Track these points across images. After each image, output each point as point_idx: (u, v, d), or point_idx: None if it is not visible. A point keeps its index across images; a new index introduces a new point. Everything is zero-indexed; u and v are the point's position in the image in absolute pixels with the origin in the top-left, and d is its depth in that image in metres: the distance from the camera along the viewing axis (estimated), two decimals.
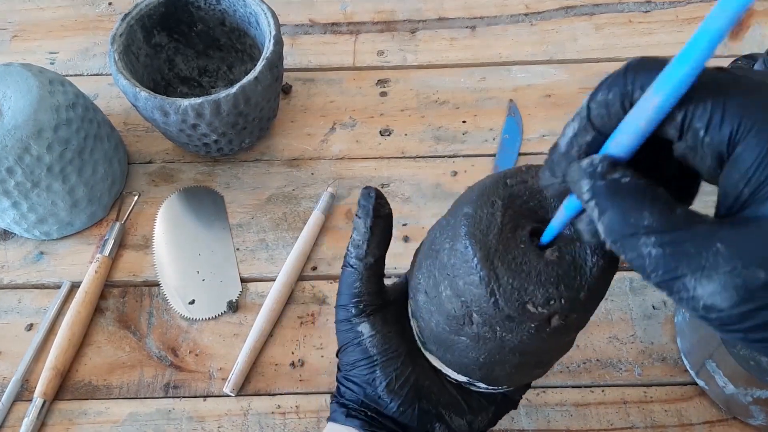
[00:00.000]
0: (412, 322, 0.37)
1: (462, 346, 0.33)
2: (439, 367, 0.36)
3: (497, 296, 0.29)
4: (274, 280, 0.57)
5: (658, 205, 0.21)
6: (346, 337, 0.37)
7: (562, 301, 0.29)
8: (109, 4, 0.77)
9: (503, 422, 0.51)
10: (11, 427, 0.52)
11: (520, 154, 0.65)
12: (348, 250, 0.37)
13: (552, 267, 0.29)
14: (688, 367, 0.52)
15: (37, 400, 0.52)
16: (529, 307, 0.29)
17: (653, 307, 0.56)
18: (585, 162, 0.23)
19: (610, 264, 0.30)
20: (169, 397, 0.54)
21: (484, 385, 0.36)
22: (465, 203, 0.31)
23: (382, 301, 0.37)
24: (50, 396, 0.53)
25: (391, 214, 0.37)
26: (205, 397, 0.54)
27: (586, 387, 0.53)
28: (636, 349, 0.54)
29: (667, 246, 0.21)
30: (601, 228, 0.22)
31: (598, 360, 0.54)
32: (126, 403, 0.53)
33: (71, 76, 0.71)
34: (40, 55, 0.73)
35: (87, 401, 0.54)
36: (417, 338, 0.37)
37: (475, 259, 0.29)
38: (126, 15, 0.60)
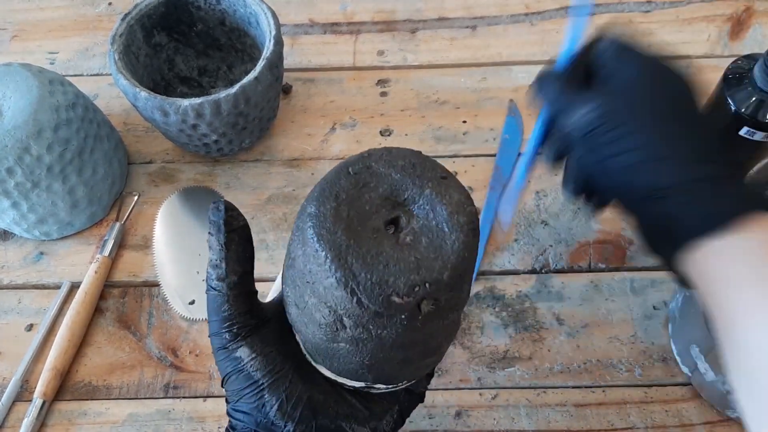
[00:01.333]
0: (297, 336, 0.34)
1: (344, 353, 0.31)
2: (332, 378, 0.34)
3: (359, 295, 0.28)
4: (274, 281, 0.57)
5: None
6: (226, 366, 0.34)
7: (427, 285, 0.28)
8: (109, 4, 0.77)
9: (503, 423, 0.51)
10: (11, 428, 0.52)
11: (520, 154, 0.65)
12: (207, 272, 0.34)
13: (409, 252, 0.28)
14: (674, 353, 0.53)
15: (37, 400, 0.52)
16: (395, 299, 0.28)
17: (654, 307, 0.56)
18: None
19: (471, 237, 0.29)
20: (169, 398, 0.53)
21: (383, 386, 0.34)
22: (308, 202, 0.29)
23: (258, 321, 0.35)
24: (50, 396, 0.52)
25: (247, 225, 0.34)
26: (206, 397, 0.53)
27: (586, 387, 0.53)
28: (636, 350, 0.54)
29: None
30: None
31: (598, 360, 0.54)
32: (126, 403, 0.53)
33: (71, 76, 0.71)
34: (40, 55, 0.73)
35: (87, 402, 0.53)
36: (304, 351, 0.34)
37: (328, 260, 0.28)
38: (126, 15, 0.59)
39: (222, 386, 0.35)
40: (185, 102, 0.54)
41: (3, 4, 0.77)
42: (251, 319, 0.34)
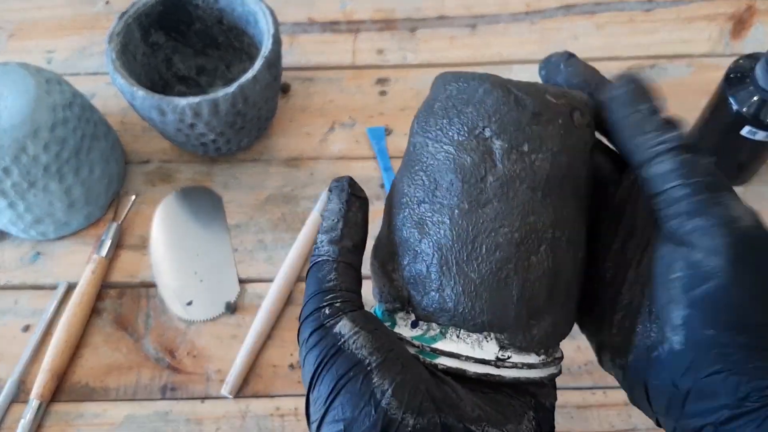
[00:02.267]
0: (401, 317, 0.29)
1: (487, 223, 0.27)
2: (450, 350, 0.28)
3: (515, 93, 0.27)
4: (272, 281, 0.57)
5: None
6: (318, 353, 0.26)
7: (574, 96, 0.28)
8: (107, 2, 0.77)
9: None
10: (8, 429, 0.52)
11: None
12: (317, 242, 0.29)
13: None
14: None
15: (34, 401, 0.52)
16: (549, 98, 0.27)
17: None
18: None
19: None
20: (167, 399, 0.53)
21: (516, 353, 0.28)
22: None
23: (361, 305, 0.28)
24: (47, 398, 0.52)
25: (368, 201, 0.31)
26: (203, 399, 0.53)
27: (587, 389, 0.52)
28: None
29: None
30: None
31: None
32: (123, 405, 0.53)
33: (68, 75, 0.70)
34: (37, 54, 0.73)
35: (84, 403, 0.53)
36: (412, 334, 0.29)
37: (486, 82, 0.28)
38: (123, 14, 0.59)
39: (307, 396, 0.27)
40: (183, 101, 0.54)
41: (0, 3, 0.77)
42: (358, 299, 0.28)
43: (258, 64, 0.56)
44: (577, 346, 0.54)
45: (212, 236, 0.61)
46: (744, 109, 0.53)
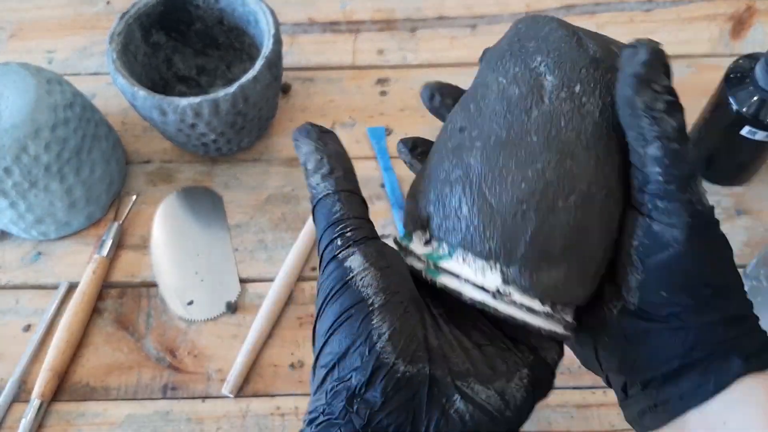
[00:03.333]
0: (418, 235, 0.28)
1: (521, 155, 0.26)
2: (453, 269, 0.27)
3: (580, 35, 0.27)
4: (273, 281, 0.57)
5: None
6: (328, 285, 0.26)
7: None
8: (107, 2, 0.77)
9: None
10: (9, 429, 0.52)
11: None
12: (310, 185, 0.29)
13: None
14: None
15: (35, 401, 0.52)
16: (613, 48, 0.27)
17: None
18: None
19: None
20: (168, 399, 0.53)
21: (520, 294, 0.26)
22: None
23: (373, 232, 0.28)
24: (48, 397, 0.52)
25: (334, 132, 0.31)
26: (204, 398, 0.53)
27: (587, 388, 0.52)
28: None
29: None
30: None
31: None
32: (124, 404, 0.53)
33: (69, 75, 0.70)
34: (38, 55, 0.73)
35: (85, 403, 0.53)
36: (422, 258, 0.28)
37: (555, 22, 0.28)
38: (124, 14, 0.59)
39: (314, 325, 0.27)
40: (183, 101, 0.54)
41: (1, 3, 0.77)
42: (367, 225, 0.28)
43: (258, 64, 0.56)
44: None
45: (213, 236, 0.61)
46: (744, 109, 0.53)
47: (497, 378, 0.27)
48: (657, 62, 0.26)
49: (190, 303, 0.57)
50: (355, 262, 0.26)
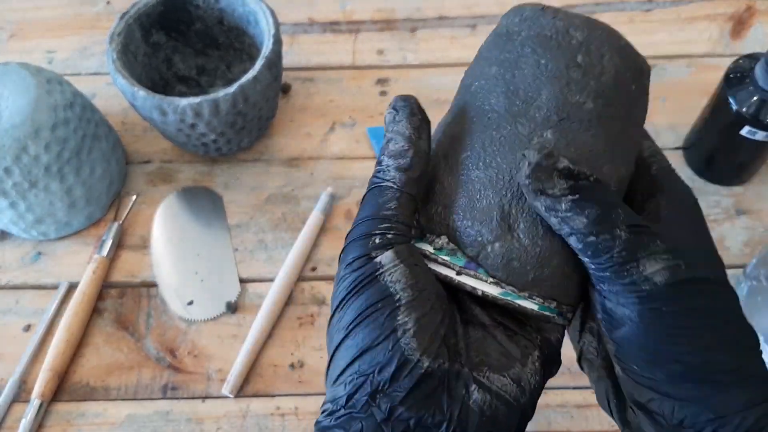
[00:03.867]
0: (437, 240, 0.28)
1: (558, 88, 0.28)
2: (475, 254, 0.27)
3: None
4: (273, 281, 0.57)
5: (619, 202, 0.26)
6: (355, 278, 0.26)
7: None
8: (107, 2, 0.77)
9: None
10: (9, 429, 0.52)
11: None
12: (381, 164, 0.28)
13: None
14: None
15: (35, 401, 0.52)
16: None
17: None
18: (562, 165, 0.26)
19: None
20: (168, 399, 0.53)
21: (528, 295, 0.27)
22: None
23: (410, 237, 0.28)
24: (48, 397, 0.52)
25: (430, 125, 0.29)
26: (204, 398, 0.53)
27: (587, 388, 0.52)
28: None
29: (632, 233, 0.25)
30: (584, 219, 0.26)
31: None
32: (124, 404, 0.53)
33: (69, 75, 0.71)
34: (38, 55, 0.73)
35: (85, 403, 0.53)
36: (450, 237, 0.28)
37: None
38: (124, 14, 0.59)
39: (331, 317, 0.27)
40: (183, 101, 0.54)
41: (1, 3, 0.77)
42: (410, 231, 0.28)
43: (258, 64, 0.56)
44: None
45: (213, 236, 0.61)
46: (744, 109, 0.53)
47: (512, 365, 0.27)
48: (542, 171, 0.25)
49: (190, 303, 0.57)
50: (386, 258, 0.26)
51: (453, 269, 0.28)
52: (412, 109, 0.28)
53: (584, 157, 0.27)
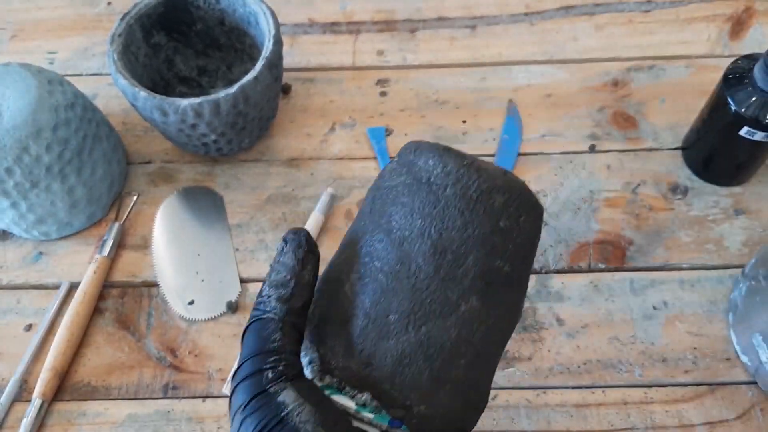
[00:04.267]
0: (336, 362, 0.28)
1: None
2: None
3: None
4: None
5: None
6: (258, 420, 0.25)
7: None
8: (108, 3, 0.77)
9: (503, 423, 0.51)
10: (10, 428, 0.52)
11: (519, 155, 0.65)
12: (262, 294, 0.28)
13: None
14: (734, 341, 0.53)
15: (36, 400, 0.52)
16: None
17: (654, 307, 0.56)
18: None
19: None
20: (169, 398, 0.53)
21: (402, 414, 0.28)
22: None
23: (302, 370, 0.28)
24: (49, 397, 0.52)
25: (319, 258, 0.30)
26: (205, 398, 0.53)
27: (586, 388, 0.53)
28: (636, 350, 0.54)
29: None
30: None
31: (598, 361, 0.54)
32: (125, 404, 0.53)
33: (70, 75, 0.71)
34: (39, 55, 0.73)
35: (86, 402, 0.53)
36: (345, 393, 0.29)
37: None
38: (125, 15, 0.59)
39: None
40: (184, 102, 0.54)
41: (2, 4, 0.77)
42: (299, 361, 0.28)
43: (259, 64, 0.56)
44: (576, 346, 0.54)
45: (214, 236, 0.61)
46: (742, 110, 0.53)
47: None
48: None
49: (191, 303, 0.57)
50: (288, 397, 0.26)
51: (377, 428, 0.28)
52: (300, 241, 0.29)
53: (507, 319, 0.30)
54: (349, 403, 0.28)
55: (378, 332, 0.29)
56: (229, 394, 0.27)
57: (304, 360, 0.29)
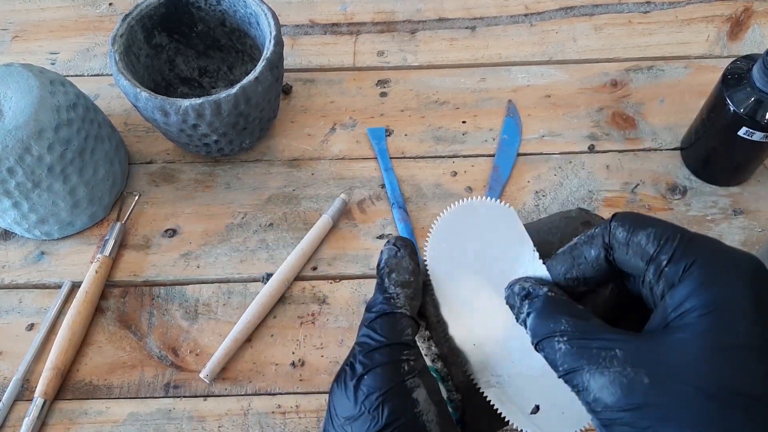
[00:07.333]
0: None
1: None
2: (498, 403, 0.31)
3: None
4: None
5: (574, 314, 0.26)
6: (393, 406, 0.28)
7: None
8: (110, 4, 0.77)
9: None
10: (12, 427, 0.52)
11: (519, 155, 0.65)
12: (388, 291, 0.31)
13: None
14: None
15: (38, 399, 0.52)
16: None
17: None
18: (517, 287, 0.28)
19: None
20: (170, 397, 0.54)
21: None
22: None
23: (425, 363, 0.31)
24: (51, 396, 0.53)
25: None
26: (206, 396, 0.54)
27: None
28: None
29: (575, 345, 0.25)
30: (528, 331, 0.27)
31: None
32: (126, 402, 0.53)
33: (72, 76, 0.71)
34: (41, 56, 0.73)
35: (87, 401, 0.54)
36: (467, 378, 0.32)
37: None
38: (126, 15, 0.60)
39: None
40: (186, 102, 0.55)
41: (4, 5, 0.78)
42: (420, 353, 0.31)
43: (260, 65, 0.56)
44: None
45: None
46: (741, 110, 0.54)
47: None
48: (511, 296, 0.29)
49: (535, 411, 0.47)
50: (420, 395, 0.29)
51: None
52: (412, 250, 0.32)
53: None
54: (444, 395, 0.32)
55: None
56: (358, 371, 0.29)
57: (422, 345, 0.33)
